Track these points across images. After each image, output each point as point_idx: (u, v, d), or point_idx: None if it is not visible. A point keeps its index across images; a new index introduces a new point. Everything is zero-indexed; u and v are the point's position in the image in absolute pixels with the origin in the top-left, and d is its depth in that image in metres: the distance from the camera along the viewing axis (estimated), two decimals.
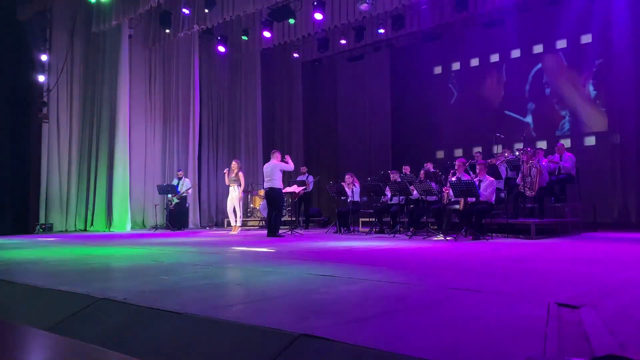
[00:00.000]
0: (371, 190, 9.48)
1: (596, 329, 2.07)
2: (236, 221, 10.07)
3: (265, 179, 8.85)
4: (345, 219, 9.82)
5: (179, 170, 11.92)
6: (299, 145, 15.70)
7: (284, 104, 15.82)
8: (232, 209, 10.07)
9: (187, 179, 11.85)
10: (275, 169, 8.68)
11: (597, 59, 11.72)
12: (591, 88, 11.82)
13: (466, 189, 7.23)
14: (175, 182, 11.79)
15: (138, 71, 12.45)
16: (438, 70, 14.48)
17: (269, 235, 8.58)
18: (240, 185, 9.95)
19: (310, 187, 11.97)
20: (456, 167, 8.14)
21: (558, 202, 9.23)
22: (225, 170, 10.15)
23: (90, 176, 11.77)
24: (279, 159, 8.97)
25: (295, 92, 15.73)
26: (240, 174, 10.00)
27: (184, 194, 11.54)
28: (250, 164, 14.37)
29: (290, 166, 8.91)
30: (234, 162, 10.07)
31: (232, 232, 9.98)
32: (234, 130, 14.60)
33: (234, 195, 9.93)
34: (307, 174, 12.14)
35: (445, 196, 7.79)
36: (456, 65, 14.11)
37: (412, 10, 12.10)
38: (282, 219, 12.62)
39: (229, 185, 10.11)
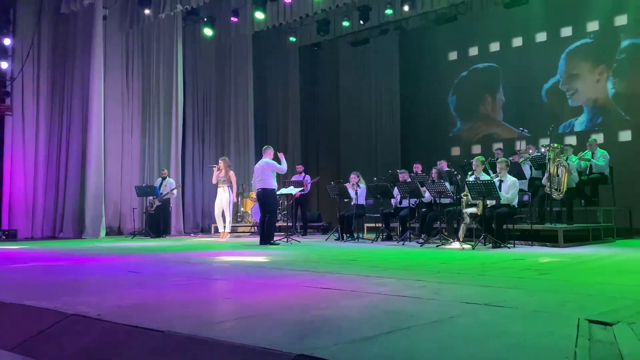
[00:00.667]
0: (378, 191, 9.48)
1: (632, 349, 2.07)
2: (225, 227, 10.07)
3: (256, 179, 8.85)
4: (348, 224, 9.82)
5: (162, 170, 11.92)
6: (295, 140, 15.71)
7: (279, 94, 15.83)
8: (220, 213, 10.07)
9: (171, 179, 11.85)
10: (267, 168, 8.69)
11: (634, 40, 11.72)
12: (628, 74, 11.83)
13: (485, 190, 7.23)
14: (158, 181, 11.79)
15: (114, 57, 12.45)
16: (453, 55, 14.49)
17: (261, 242, 8.59)
18: (230, 185, 9.95)
19: (308, 188, 11.97)
20: (474, 166, 8.14)
21: (589, 205, 9.23)
22: (214, 166, 10.14)
23: (59, 176, 11.77)
24: (272, 156, 8.97)
25: (291, 81, 15.74)
26: (231, 173, 9.99)
27: (167, 196, 11.54)
28: (241, 162, 14.38)
29: (282, 167, 8.91)
30: (220, 161, 10.06)
31: (220, 239, 9.99)
32: (222, 123, 14.61)
33: (223, 197, 9.93)
34: (303, 174, 12.14)
35: (464, 201, 7.78)
36: (474, 51, 14.13)
37: None
38: (277, 224, 12.63)
39: (217, 186, 10.10)
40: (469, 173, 8.29)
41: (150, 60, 13.04)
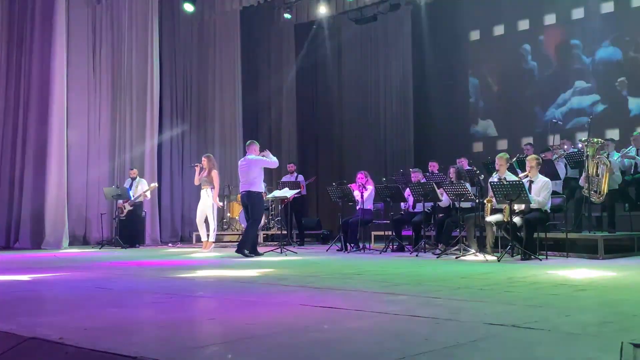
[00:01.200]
0: (387, 194, 9.50)
1: None
2: (208, 235, 10.08)
3: (240, 180, 8.86)
4: (352, 232, 9.83)
5: (131, 169, 11.92)
6: (291, 133, 15.71)
7: (271, 79, 15.83)
8: (203, 219, 10.08)
9: (143, 180, 11.85)
10: (253, 166, 8.67)
11: None
12: None
13: (512, 193, 7.24)
14: (127, 182, 11.79)
15: (78, 37, 12.45)
16: (475, 35, 14.50)
17: (237, 250, 8.55)
18: (214, 188, 9.98)
19: (304, 190, 11.99)
20: (497, 165, 8.13)
21: (634, 209, 9.23)
22: (196, 165, 10.16)
23: (14, 177, 11.76)
24: (258, 152, 8.96)
25: (286, 64, 15.74)
26: (215, 172, 10.01)
27: (139, 199, 11.54)
28: (226, 158, 14.40)
29: (273, 160, 8.90)
30: (204, 159, 10.07)
31: (203, 250, 10.00)
32: (205, 114, 14.61)
33: (207, 201, 9.95)
34: (296, 174, 12.14)
35: (489, 208, 7.76)
36: (499, 30, 14.13)
37: None
38: (270, 232, 12.65)
39: (200, 188, 10.12)
40: (494, 173, 8.29)
41: (121, 40, 13.03)
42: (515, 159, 9.61)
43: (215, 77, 14.59)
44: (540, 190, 7.63)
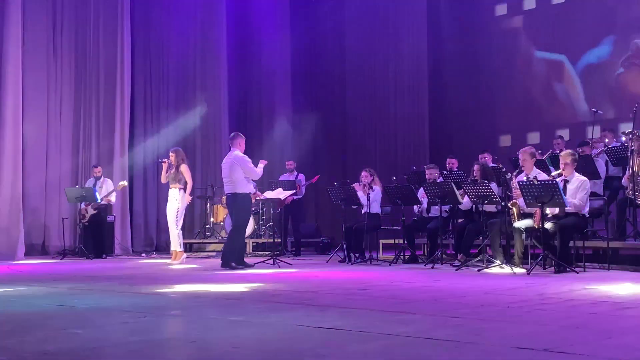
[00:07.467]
0: (398, 195, 9.49)
1: None
2: (179, 243, 10.04)
3: (224, 180, 8.85)
4: (357, 240, 9.81)
5: (95, 167, 11.89)
6: (285, 124, 15.65)
7: (262, 59, 15.76)
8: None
9: (108, 180, 11.82)
10: (237, 165, 8.65)
11: None
12: None
13: (544, 194, 7.22)
14: (90, 182, 11.77)
15: (35, 14, 12.40)
16: (502, 9, 14.49)
17: (223, 265, 8.56)
18: (184, 187, 9.95)
19: (302, 191, 11.95)
20: (521, 161, 8.09)
21: None
22: (163, 161, 10.12)
23: None
24: (243, 147, 8.92)
25: (280, 41, 15.67)
26: (184, 167, 9.90)
27: (104, 203, 11.52)
28: (210, 153, 14.35)
29: (256, 171, 8.82)
30: (172, 154, 9.98)
31: (172, 261, 9.95)
32: (185, 99, 14.54)
33: (175, 203, 9.90)
34: (295, 172, 12.08)
35: (515, 212, 7.75)
36: (530, 3, 14.13)
37: None
38: (261, 240, 12.61)
39: (168, 187, 10.10)
40: (515, 172, 8.25)
41: (86, 17, 12.98)
42: (547, 155, 9.59)
43: (197, 53, 14.54)
44: (577, 192, 7.61)
